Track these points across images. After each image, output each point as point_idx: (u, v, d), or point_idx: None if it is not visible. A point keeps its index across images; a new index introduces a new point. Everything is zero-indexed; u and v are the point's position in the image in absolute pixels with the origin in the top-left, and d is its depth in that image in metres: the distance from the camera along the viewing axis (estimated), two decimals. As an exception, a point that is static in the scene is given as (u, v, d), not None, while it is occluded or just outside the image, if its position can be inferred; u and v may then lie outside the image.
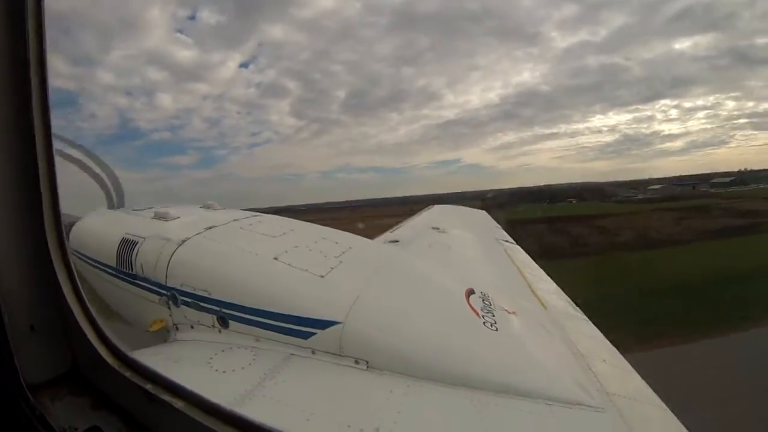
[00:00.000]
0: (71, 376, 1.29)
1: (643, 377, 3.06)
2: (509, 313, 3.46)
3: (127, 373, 1.21)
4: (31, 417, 1.13)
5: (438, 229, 7.05)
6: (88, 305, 1.31)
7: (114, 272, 3.97)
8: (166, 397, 1.11)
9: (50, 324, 1.29)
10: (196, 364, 2.77)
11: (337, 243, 3.90)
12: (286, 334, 2.86)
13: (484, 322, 3.07)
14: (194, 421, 1.06)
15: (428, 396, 2.42)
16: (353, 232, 4.78)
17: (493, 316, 3.22)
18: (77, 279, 1.32)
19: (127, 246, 3.85)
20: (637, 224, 39.20)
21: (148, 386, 1.14)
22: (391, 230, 7.36)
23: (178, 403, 1.09)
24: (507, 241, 7.86)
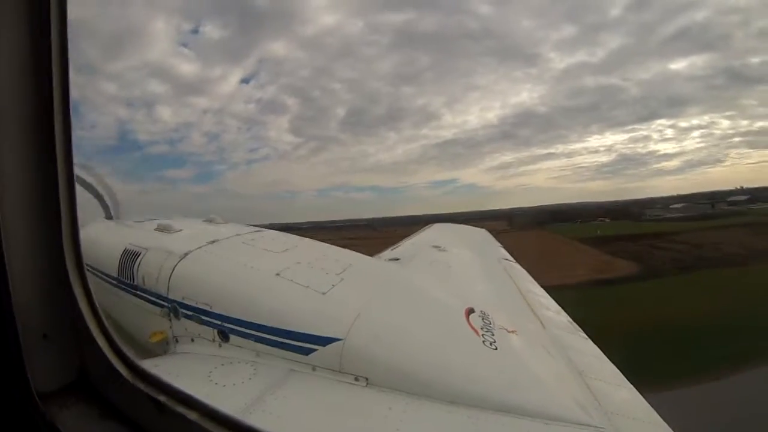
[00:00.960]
0: (81, 385, 1.31)
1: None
2: (509, 332, 3.47)
3: (139, 384, 1.22)
4: (41, 425, 1.15)
5: (438, 247, 7.09)
6: (102, 315, 1.34)
7: (115, 282, 3.99)
8: (179, 409, 1.12)
9: (63, 332, 1.32)
10: (195, 378, 2.76)
11: (338, 260, 3.93)
12: (287, 350, 2.87)
13: (483, 341, 3.08)
14: None
15: (427, 413, 2.42)
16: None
17: (493, 335, 3.23)
18: (91, 289, 1.35)
19: (130, 257, 3.88)
20: (722, 241, 39.16)
21: (161, 397, 1.15)
22: (391, 248, 7.39)
23: (192, 415, 1.10)
24: (507, 259, 7.88)
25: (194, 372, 2.86)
